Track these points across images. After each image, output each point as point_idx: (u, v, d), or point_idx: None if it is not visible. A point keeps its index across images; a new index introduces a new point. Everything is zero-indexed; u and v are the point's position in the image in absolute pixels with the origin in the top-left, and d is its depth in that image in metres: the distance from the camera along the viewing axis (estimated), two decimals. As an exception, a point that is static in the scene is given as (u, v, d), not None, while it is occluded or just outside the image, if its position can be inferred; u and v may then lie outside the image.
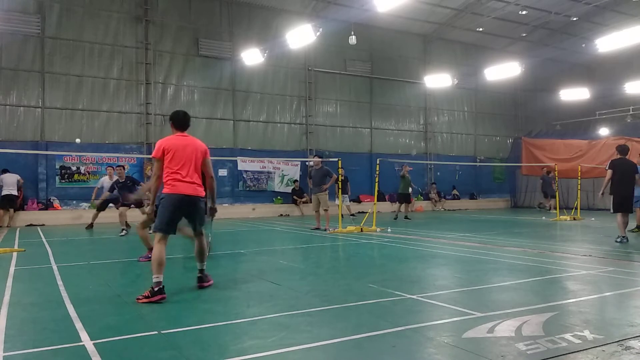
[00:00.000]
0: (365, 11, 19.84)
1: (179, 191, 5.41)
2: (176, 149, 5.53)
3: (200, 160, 5.64)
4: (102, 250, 9.85)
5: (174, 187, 5.41)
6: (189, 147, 5.60)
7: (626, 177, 9.67)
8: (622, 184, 9.62)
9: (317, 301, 5.05)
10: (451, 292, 5.48)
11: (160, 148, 5.51)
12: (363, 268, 7.41)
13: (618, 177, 9.64)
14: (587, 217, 16.91)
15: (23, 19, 16.70)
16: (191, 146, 5.63)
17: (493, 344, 3.65)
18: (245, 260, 8.03)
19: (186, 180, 5.45)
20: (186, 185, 5.45)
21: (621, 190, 9.65)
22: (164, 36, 18.88)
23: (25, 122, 16.74)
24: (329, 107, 22.28)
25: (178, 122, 5.83)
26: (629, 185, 9.73)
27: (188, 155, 5.54)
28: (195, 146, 5.66)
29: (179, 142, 5.62)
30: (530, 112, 27.50)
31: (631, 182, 9.76)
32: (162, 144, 5.57)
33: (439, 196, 23.83)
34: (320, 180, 12.84)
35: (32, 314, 4.67)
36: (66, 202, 17.14)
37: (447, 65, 24.00)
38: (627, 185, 9.68)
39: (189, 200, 5.46)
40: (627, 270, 6.72)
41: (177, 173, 5.44)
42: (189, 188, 5.46)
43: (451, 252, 8.68)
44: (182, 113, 5.94)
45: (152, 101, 18.47)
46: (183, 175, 5.45)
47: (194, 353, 3.53)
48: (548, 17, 22.03)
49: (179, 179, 5.43)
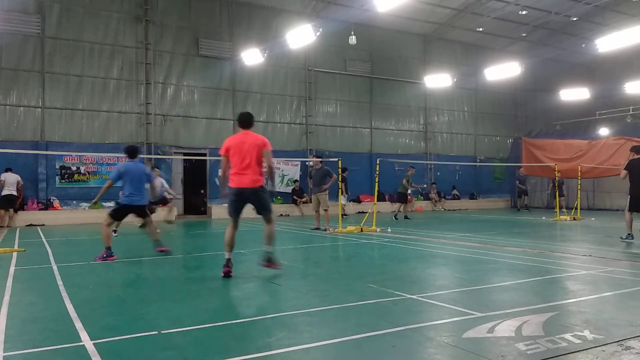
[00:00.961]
0: (365, 11, 19.83)
1: (237, 184, 6.28)
2: (236, 146, 6.34)
3: (260, 152, 6.30)
4: (102, 250, 9.82)
5: (233, 181, 6.31)
6: (247, 143, 6.31)
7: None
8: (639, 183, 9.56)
9: (317, 301, 5.05)
10: (451, 292, 5.48)
11: (224, 147, 6.44)
12: (363, 268, 7.41)
13: (635, 177, 9.60)
14: (587, 217, 16.92)
15: (23, 19, 16.69)
16: (249, 142, 6.33)
17: (493, 344, 3.65)
18: (245, 260, 8.03)
19: (244, 173, 6.23)
20: (243, 178, 6.24)
21: (638, 190, 9.60)
22: (164, 36, 18.88)
23: (25, 122, 16.74)
24: (329, 107, 22.28)
25: (240, 121, 6.64)
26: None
27: (246, 151, 6.26)
28: (253, 141, 6.35)
29: (239, 139, 6.40)
30: (530, 112, 27.50)
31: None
32: (226, 142, 6.47)
33: (439, 196, 23.83)
34: (320, 180, 12.84)
35: (32, 314, 4.68)
36: (66, 202, 17.14)
37: (447, 65, 24.00)
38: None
39: (246, 192, 6.28)
40: (627, 270, 6.73)
41: (236, 168, 6.27)
42: (246, 181, 6.24)
43: (451, 252, 8.68)
44: (244, 114, 6.70)
45: (152, 101, 18.46)
46: (241, 169, 6.24)
47: (194, 353, 3.53)
48: (548, 17, 22.03)
49: (237, 173, 6.27)
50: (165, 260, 7.94)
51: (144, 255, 8.71)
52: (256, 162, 6.28)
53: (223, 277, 6.20)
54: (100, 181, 17.70)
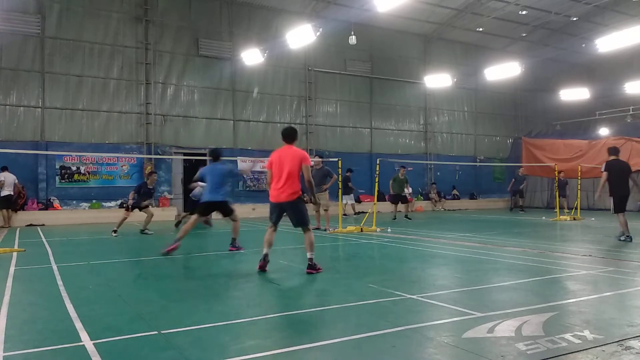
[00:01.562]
0: (365, 11, 19.84)
1: (272, 199, 6.68)
2: (275, 162, 6.63)
3: (297, 167, 6.51)
4: (102, 250, 9.84)
5: (272, 196, 6.69)
6: (286, 158, 6.55)
7: (623, 177, 9.86)
8: (620, 184, 9.80)
9: (317, 301, 5.05)
10: (451, 292, 5.48)
11: (269, 161, 6.75)
12: (363, 268, 7.41)
13: (615, 178, 9.78)
14: (587, 217, 16.91)
15: (23, 19, 16.70)
16: (288, 157, 6.57)
17: (493, 344, 3.65)
18: (245, 260, 8.03)
19: (279, 189, 6.53)
20: (278, 193, 6.56)
21: (619, 190, 9.83)
22: (164, 36, 18.88)
23: (25, 122, 16.74)
24: (329, 107, 22.28)
25: (283, 136, 6.82)
26: (626, 184, 9.92)
27: (283, 166, 6.52)
28: (291, 156, 6.56)
29: (279, 154, 6.67)
30: (530, 112, 27.50)
31: (627, 182, 9.94)
32: (270, 157, 6.77)
33: (439, 196, 23.83)
34: (320, 180, 12.83)
35: (32, 314, 4.67)
36: (66, 202, 17.14)
37: (447, 65, 24.01)
38: (624, 185, 9.87)
39: (281, 206, 6.61)
40: (627, 270, 6.72)
41: (274, 183, 6.61)
42: (281, 196, 6.54)
43: (451, 252, 8.68)
44: (287, 129, 6.85)
45: (152, 101, 18.47)
46: (276, 185, 6.56)
47: (194, 353, 3.53)
48: (548, 17, 22.04)
49: (273, 188, 6.62)
50: (166, 260, 7.94)
51: (143, 255, 8.70)
52: (293, 176, 6.50)
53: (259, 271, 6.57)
54: (100, 181, 17.73)
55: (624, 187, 9.86)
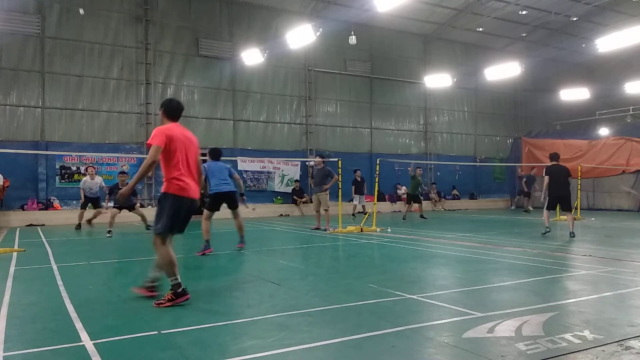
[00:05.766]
0: (365, 11, 19.84)
1: (190, 195, 4.95)
2: (182, 142, 4.97)
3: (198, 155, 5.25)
4: (102, 250, 9.85)
5: (185, 190, 4.91)
6: (191, 142, 5.13)
7: (560, 180, 10.98)
8: (556, 187, 10.95)
9: (317, 301, 5.05)
10: (451, 292, 5.48)
11: (164, 134, 4.83)
12: (363, 268, 7.41)
13: (553, 181, 10.98)
14: (587, 217, 16.91)
15: (23, 19, 16.68)
16: (192, 140, 5.17)
17: (493, 344, 3.65)
18: (245, 260, 8.03)
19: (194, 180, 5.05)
20: (195, 187, 5.04)
21: (554, 192, 11.04)
22: (164, 36, 18.88)
23: (25, 122, 16.74)
24: (329, 107, 22.27)
25: (173, 111, 5.17)
26: (565, 186, 11.05)
27: (192, 151, 5.09)
28: (194, 141, 5.22)
29: (182, 134, 5.05)
30: (530, 112, 27.49)
31: (566, 184, 11.08)
32: (165, 131, 4.87)
33: (439, 196, 23.82)
34: (321, 180, 12.82)
35: (32, 314, 4.67)
36: (66, 202, 17.14)
37: (447, 65, 24.01)
38: (561, 187, 10.99)
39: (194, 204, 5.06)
40: (627, 270, 6.72)
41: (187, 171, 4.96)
42: (197, 190, 5.08)
43: (451, 252, 8.68)
44: (176, 102, 5.31)
45: (152, 101, 18.45)
46: (190, 173, 5.00)
47: (194, 353, 3.53)
48: (548, 17, 22.03)
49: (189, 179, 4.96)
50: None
51: (143, 255, 8.70)
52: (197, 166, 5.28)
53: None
54: (100, 181, 17.66)
55: (561, 189, 10.97)
